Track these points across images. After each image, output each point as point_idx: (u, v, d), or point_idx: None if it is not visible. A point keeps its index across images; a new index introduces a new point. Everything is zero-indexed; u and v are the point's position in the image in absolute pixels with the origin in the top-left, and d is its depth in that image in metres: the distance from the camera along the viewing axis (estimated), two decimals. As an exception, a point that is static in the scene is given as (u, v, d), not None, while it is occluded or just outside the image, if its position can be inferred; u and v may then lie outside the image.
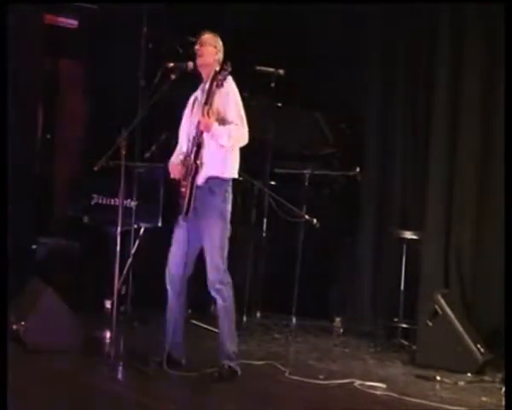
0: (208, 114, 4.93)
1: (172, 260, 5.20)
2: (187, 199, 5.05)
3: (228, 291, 5.10)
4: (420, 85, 6.95)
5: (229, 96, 5.10)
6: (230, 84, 5.13)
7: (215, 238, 5.06)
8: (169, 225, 5.46)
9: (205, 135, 5.02)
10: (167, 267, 5.21)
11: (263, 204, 6.84)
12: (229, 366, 5.06)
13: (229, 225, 5.12)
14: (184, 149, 5.20)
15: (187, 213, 5.06)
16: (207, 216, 5.06)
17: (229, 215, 5.12)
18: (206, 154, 5.07)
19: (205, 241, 5.09)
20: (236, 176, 5.21)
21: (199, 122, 5.04)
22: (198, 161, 5.04)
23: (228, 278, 5.11)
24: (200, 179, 5.06)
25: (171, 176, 5.24)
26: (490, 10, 6.29)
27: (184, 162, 5.12)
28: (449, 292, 6.19)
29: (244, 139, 5.12)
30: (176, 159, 5.26)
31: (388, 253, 7.11)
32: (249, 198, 6.91)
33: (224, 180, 5.10)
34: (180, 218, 5.13)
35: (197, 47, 5.20)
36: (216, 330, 5.32)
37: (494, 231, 6.22)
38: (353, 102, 7.44)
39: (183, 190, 5.11)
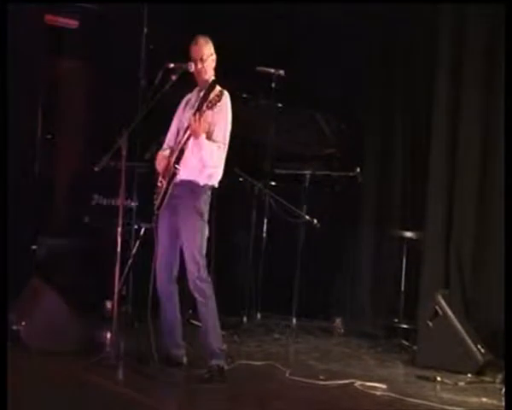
0: (200, 120, 4.94)
1: (157, 261, 5.23)
2: (161, 196, 5.14)
3: (208, 289, 5.09)
4: (420, 85, 6.96)
5: (221, 115, 5.11)
6: (226, 104, 5.14)
7: (193, 235, 5.08)
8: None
9: (191, 140, 5.05)
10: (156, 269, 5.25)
11: (263, 205, 6.85)
12: (218, 365, 5.05)
13: (207, 226, 5.14)
14: (172, 144, 5.25)
15: (158, 208, 5.16)
16: (186, 214, 5.09)
17: (207, 216, 5.14)
18: (190, 157, 5.08)
19: (183, 238, 5.11)
20: (216, 185, 5.20)
21: (187, 127, 5.06)
22: (178, 166, 5.08)
23: (207, 277, 5.11)
24: (178, 177, 5.10)
25: (157, 168, 5.27)
26: (490, 10, 6.29)
27: (169, 158, 5.16)
28: (449, 293, 6.19)
29: (221, 163, 5.13)
30: (162, 153, 5.29)
31: (388, 253, 7.12)
32: (250, 199, 6.91)
33: (204, 185, 5.12)
34: (158, 216, 5.19)
35: (199, 66, 5.15)
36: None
37: (494, 231, 6.22)
38: (353, 102, 7.44)
39: (159, 185, 5.19)
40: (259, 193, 6.88)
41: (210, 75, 5.22)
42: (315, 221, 6.64)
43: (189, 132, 5.03)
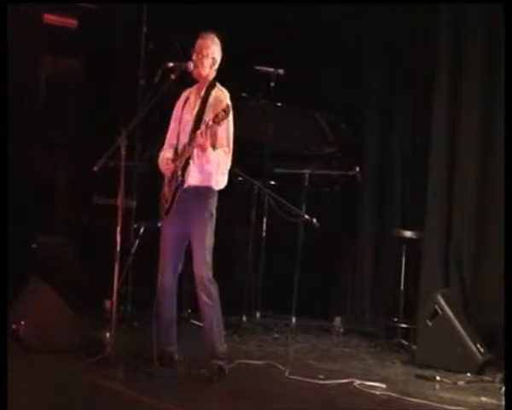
0: (207, 134, 4.92)
1: (162, 262, 5.23)
2: (169, 202, 5.15)
3: (215, 291, 5.10)
4: (420, 85, 6.96)
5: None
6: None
7: (204, 236, 5.08)
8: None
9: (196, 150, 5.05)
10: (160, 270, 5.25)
11: (263, 204, 6.85)
12: (219, 365, 5.07)
13: (213, 230, 5.14)
14: (175, 143, 5.24)
15: (166, 213, 5.17)
16: (197, 216, 5.10)
17: (215, 217, 5.14)
18: (196, 165, 5.09)
19: (194, 239, 5.11)
20: (222, 187, 5.20)
21: (191, 137, 5.05)
22: (185, 175, 5.08)
23: (213, 279, 5.11)
24: (186, 184, 5.10)
25: (161, 169, 5.28)
26: (490, 10, 6.29)
27: (174, 163, 5.15)
28: (449, 292, 6.19)
29: (227, 169, 5.15)
30: (166, 154, 5.28)
31: (388, 253, 7.11)
32: (249, 198, 6.92)
33: (211, 188, 5.14)
34: (163, 218, 5.20)
35: (194, 56, 5.17)
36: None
37: (494, 231, 6.21)
38: (353, 102, 7.44)
39: (166, 190, 5.20)
40: (259, 192, 6.88)
41: (207, 73, 5.19)
42: (314, 220, 6.63)
43: (194, 145, 5.00)
